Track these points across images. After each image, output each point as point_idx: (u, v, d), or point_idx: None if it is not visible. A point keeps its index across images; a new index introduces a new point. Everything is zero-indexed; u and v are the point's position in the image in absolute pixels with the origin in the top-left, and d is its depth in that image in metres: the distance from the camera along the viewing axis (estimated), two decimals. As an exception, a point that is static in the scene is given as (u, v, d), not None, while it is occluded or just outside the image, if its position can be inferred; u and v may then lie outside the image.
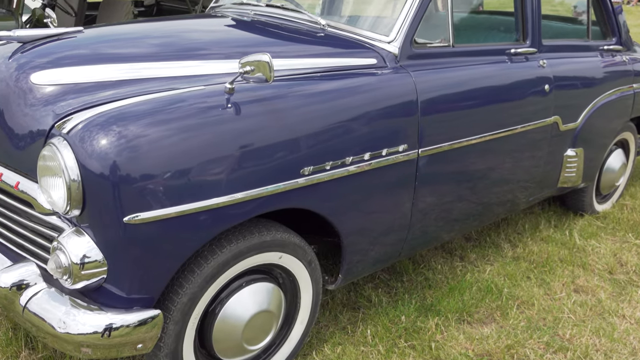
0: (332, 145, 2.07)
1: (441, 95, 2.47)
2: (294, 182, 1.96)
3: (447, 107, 2.50)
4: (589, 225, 3.78)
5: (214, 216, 1.79)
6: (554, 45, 3.18)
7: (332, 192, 2.11)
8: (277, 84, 2.02)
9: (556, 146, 3.20)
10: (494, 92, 2.73)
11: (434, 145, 2.44)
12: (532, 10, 2.98)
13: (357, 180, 2.18)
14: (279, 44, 2.42)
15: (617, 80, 3.53)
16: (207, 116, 1.81)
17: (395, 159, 2.30)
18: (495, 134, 2.73)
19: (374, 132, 2.21)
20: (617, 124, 3.65)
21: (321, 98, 2.08)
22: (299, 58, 2.23)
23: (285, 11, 2.71)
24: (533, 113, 2.94)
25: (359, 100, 2.18)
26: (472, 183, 2.76)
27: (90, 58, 2.04)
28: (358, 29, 2.51)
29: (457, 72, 2.60)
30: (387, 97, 2.27)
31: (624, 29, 3.67)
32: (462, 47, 2.72)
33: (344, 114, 2.11)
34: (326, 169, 2.06)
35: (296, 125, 1.97)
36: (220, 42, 2.42)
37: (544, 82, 2.97)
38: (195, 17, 3.39)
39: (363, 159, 2.17)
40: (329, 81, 2.17)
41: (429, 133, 2.41)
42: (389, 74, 2.34)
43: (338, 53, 2.37)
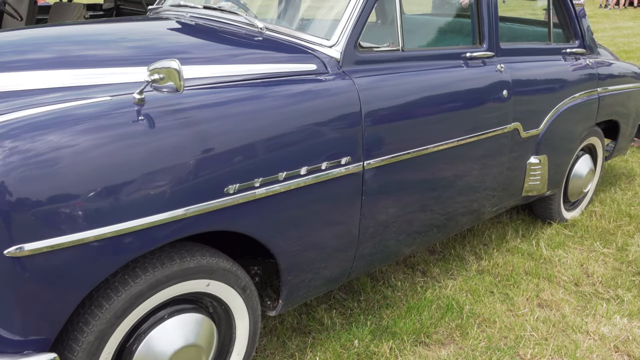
0: (262, 160, 1.89)
1: (388, 102, 2.30)
2: (217, 203, 1.78)
3: (396, 116, 2.33)
4: (557, 234, 3.63)
5: (118, 245, 1.60)
6: (512, 48, 3.04)
7: (263, 211, 1.93)
8: (198, 92, 1.84)
9: (518, 154, 3.05)
10: (447, 99, 2.57)
11: (381, 157, 2.27)
12: (488, 12, 2.84)
13: (292, 198, 2.00)
14: (208, 48, 2.24)
15: (581, 84, 3.39)
16: (111, 131, 1.62)
17: (337, 173, 2.12)
18: (450, 143, 2.57)
19: (312, 144, 2.03)
20: (582, 129, 3.52)
21: (248, 108, 1.89)
22: (228, 64, 2.05)
23: (223, 13, 2.53)
24: (491, 120, 2.79)
25: (293, 109, 2.00)
26: (426, 195, 2.60)
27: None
28: (298, 33, 2.34)
29: (407, 78, 2.44)
30: (326, 106, 2.10)
31: (588, 32, 3.55)
32: (413, 51, 2.56)
33: (275, 125, 1.93)
34: (255, 186, 1.88)
35: (218, 138, 1.79)
36: (144, 47, 2.23)
37: (502, 88, 2.82)
38: (127, 20, 3.18)
39: (299, 174, 2.00)
40: (260, 89, 1.99)
41: (375, 144, 2.24)
42: (329, 80, 2.17)
43: (274, 58, 2.19)
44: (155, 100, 1.72)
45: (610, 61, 3.80)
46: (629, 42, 12.88)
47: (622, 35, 14.34)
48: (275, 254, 2.03)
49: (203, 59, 2.05)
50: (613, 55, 4.10)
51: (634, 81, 3.95)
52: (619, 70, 3.84)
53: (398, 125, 2.34)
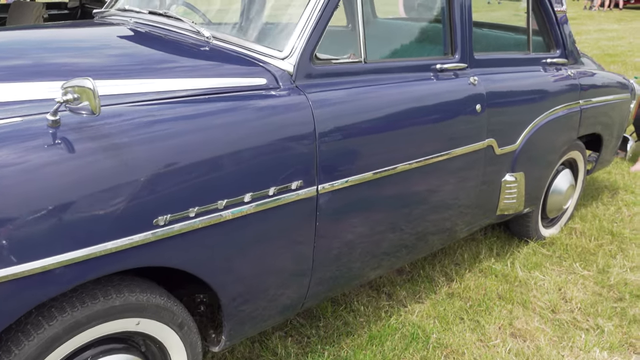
0: (198, 187, 1.68)
1: (347, 120, 2.11)
2: (143, 236, 1.57)
3: (355, 135, 2.13)
4: (534, 253, 3.46)
5: (21, 287, 1.40)
6: (488, 59, 2.85)
7: (200, 244, 1.73)
8: (124, 111, 1.63)
9: (492, 172, 2.87)
10: (414, 115, 2.38)
11: (338, 180, 2.08)
12: (461, 20, 2.65)
13: (235, 228, 1.80)
14: (144, 60, 2.03)
15: (562, 96, 3.21)
16: (19, 159, 1.41)
17: (287, 198, 1.92)
18: (416, 162, 2.38)
19: (257, 168, 1.83)
20: (562, 144, 3.34)
21: (181, 128, 1.69)
22: (163, 78, 1.84)
23: (170, 20, 2.32)
24: (462, 137, 2.60)
25: (235, 129, 1.80)
26: (391, 217, 2.41)
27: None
28: (249, 43, 2.13)
29: (369, 93, 2.25)
30: (274, 125, 1.90)
31: (570, 40, 3.37)
32: (377, 62, 2.37)
33: (213, 148, 1.73)
34: (190, 216, 1.67)
35: (144, 164, 1.58)
36: (71, 57, 2.00)
37: (475, 101, 2.63)
38: (64, 25, 2.96)
39: (242, 202, 1.80)
40: (197, 106, 1.78)
41: (331, 166, 2.04)
42: (280, 96, 1.97)
43: (218, 71, 1.99)
44: (71, 122, 1.51)
45: (593, 71, 3.62)
46: (614, 46, 12.78)
47: (607, 37, 14.24)
48: (216, 289, 1.83)
49: (135, 72, 1.84)
50: (597, 65, 3.94)
51: (618, 92, 3.78)
52: (602, 80, 3.67)
53: (358, 145, 2.14)
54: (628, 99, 3.89)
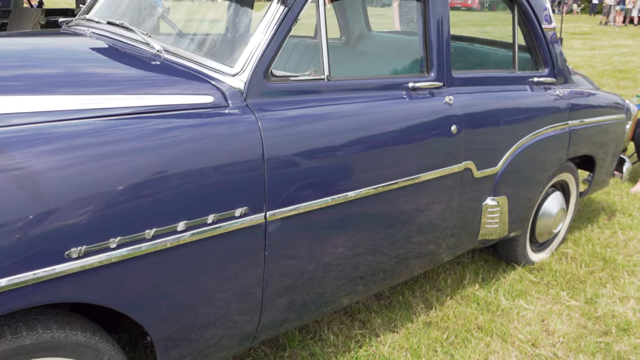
0: (122, 214, 1.55)
1: (302, 141, 1.97)
2: (51, 270, 1.44)
3: (312, 157, 1.99)
4: (520, 279, 3.29)
5: None
6: (468, 77, 2.70)
7: (123, 277, 1.59)
8: (45, 130, 1.51)
9: (470, 196, 2.71)
10: (381, 136, 2.23)
11: (289, 207, 1.94)
12: (438, 36, 2.50)
13: (166, 259, 1.67)
14: (83, 74, 1.89)
15: (549, 116, 3.06)
16: None
17: (229, 227, 1.78)
18: (382, 187, 2.24)
19: (194, 194, 1.69)
20: (550, 166, 3.18)
21: (107, 150, 1.56)
22: (96, 94, 1.71)
23: (125, 31, 2.21)
24: (435, 159, 2.45)
25: (168, 151, 1.66)
26: (354, 243, 2.26)
27: None
28: (200, 57, 2.01)
29: (331, 112, 2.11)
30: (214, 147, 1.76)
31: (559, 59, 3.21)
32: (343, 80, 2.23)
33: (143, 171, 1.60)
34: (111, 247, 1.54)
35: (60, 190, 1.45)
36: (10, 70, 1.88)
37: (450, 122, 2.48)
38: (24, 35, 2.85)
39: (175, 231, 1.66)
40: (128, 126, 1.65)
41: (281, 191, 1.90)
42: (226, 116, 1.83)
43: (162, 88, 1.86)
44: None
45: (586, 91, 3.46)
46: (625, 61, 12.57)
47: (620, 53, 14.04)
48: (145, 326, 1.69)
49: (61, 87, 1.71)
50: (592, 85, 3.77)
51: (612, 112, 3.62)
52: (596, 101, 3.50)
53: (314, 169, 2.00)
54: (623, 119, 3.72)
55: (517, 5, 2.95)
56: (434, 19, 2.49)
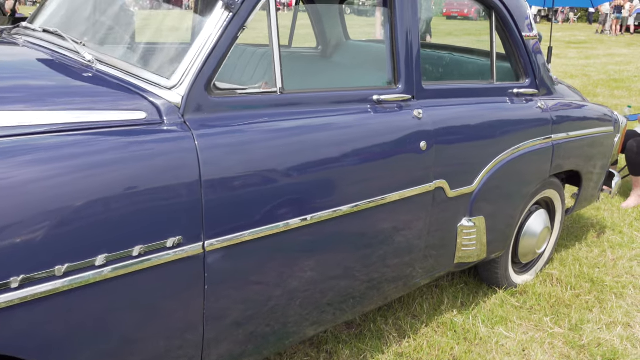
0: (26, 248, 1.36)
1: (247, 162, 1.78)
2: None
3: (259, 179, 1.80)
4: (502, 304, 3.09)
5: None
6: (441, 89, 2.52)
7: (30, 321, 1.40)
8: None
9: (444, 217, 2.52)
10: (340, 153, 2.04)
11: (233, 234, 1.75)
12: (407, 44, 2.32)
13: (82, 298, 1.47)
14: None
15: (530, 130, 2.87)
16: None
17: (159, 259, 1.59)
18: (342, 211, 2.05)
19: (116, 223, 1.50)
20: (532, 183, 2.99)
21: (15, 175, 1.36)
22: (13, 110, 1.52)
23: (59, 39, 2.02)
24: (403, 179, 2.26)
25: (86, 174, 1.47)
26: (312, 272, 2.07)
27: None
28: (136, 68, 1.82)
29: (282, 129, 1.92)
30: (143, 169, 1.57)
31: (542, 69, 3.03)
32: (298, 93, 2.04)
33: (53, 198, 1.40)
34: (12, 287, 1.34)
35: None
36: None
37: (419, 138, 2.30)
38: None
39: (93, 266, 1.47)
40: (43, 146, 1.45)
41: (222, 218, 1.71)
42: (158, 133, 1.64)
43: (90, 102, 1.66)
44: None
45: (571, 103, 3.28)
46: (620, 70, 12.43)
47: (615, 62, 13.91)
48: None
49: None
50: (579, 96, 3.59)
51: (599, 125, 3.43)
52: (581, 113, 3.32)
53: (261, 192, 1.81)
54: (611, 132, 3.54)
55: (495, 12, 2.77)
56: (402, 27, 2.31)
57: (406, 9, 2.32)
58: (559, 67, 12.60)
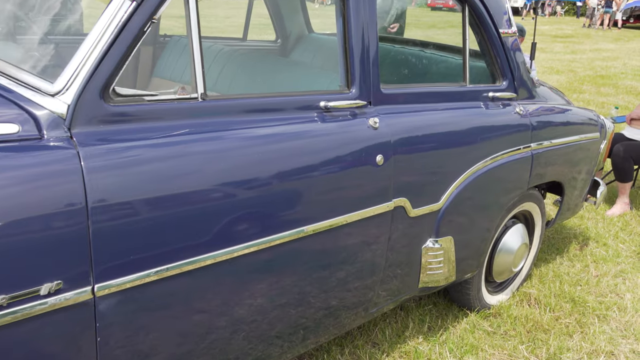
0: None
1: (153, 184, 1.45)
2: None
3: (168, 205, 1.48)
4: (473, 329, 2.80)
5: None
6: (403, 93, 2.20)
7: None
8: None
9: (405, 239, 2.21)
10: (276, 173, 1.72)
11: (134, 274, 1.42)
12: (362, 43, 2.00)
13: None
14: None
15: (506, 138, 2.56)
16: None
17: (27, 311, 1.26)
18: (274, 240, 1.73)
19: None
20: (508, 197, 2.69)
21: None
22: None
23: None
24: (355, 198, 1.95)
25: None
26: (241, 307, 1.75)
27: None
28: (14, 68, 1.48)
29: (201, 143, 1.59)
30: (7, 197, 1.24)
31: (521, 70, 2.72)
32: (227, 100, 1.71)
33: None
34: None
35: None
36: None
37: (375, 150, 1.98)
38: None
39: None
40: None
41: (116, 255, 1.39)
42: (33, 151, 1.31)
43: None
44: None
45: (553, 107, 2.98)
46: (607, 67, 12.19)
47: (601, 57, 13.67)
48: None
49: None
50: (563, 99, 3.29)
51: (584, 131, 3.14)
52: (565, 118, 3.02)
53: (170, 223, 1.48)
54: (597, 138, 3.24)
55: (468, 5, 2.45)
56: (356, 22, 1.98)
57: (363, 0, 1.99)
58: (545, 62, 12.33)
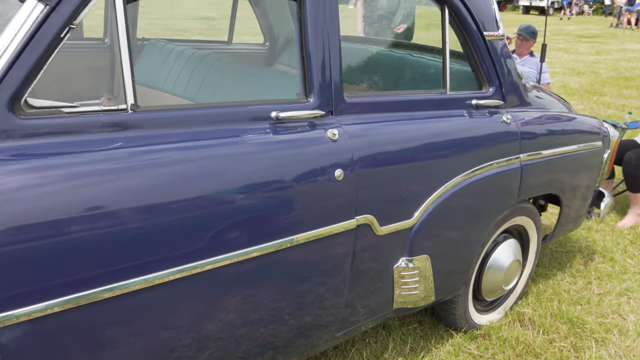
0: None
1: (69, 208, 1.33)
2: None
3: (87, 227, 1.35)
4: (457, 351, 2.62)
5: None
6: (370, 102, 2.04)
7: None
8: None
9: (372, 259, 2.06)
10: (217, 191, 1.58)
11: (37, 304, 1.30)
12: (321, 46, 1.84)
13: None
14: None
15: (491, 149, 2.39)
16: None
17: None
18: (220, 261, 1.59)
19: None
20: (495, 211, 2.51)
21: None
22: None
23: None
24: (311, 216, 1.80)
25: None
26: (199, 327, 1.62)
27: None
28: None
29: (128, 160, 1.46)
30: None
31: (510, 75, 2.53)
32: (160, 111, 1.58)
33: None
34: None
35: None
36: None
37: (333, 165, 1.83)
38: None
39: None
40: None
41: (18, 284, 1.26)
42: None
43: None
44: None
45: (548, 115, 2.78)
46: (632, 67, 11.79)
47: (627, 58, 13.25)
48: None
49: None
50: (564, 106, 3.09)
51: (584, 140, 2.93)
52: (561, 127, 2.83)
53: (87, 244, 1.36)
54: (599, 148, 3.04)
55: (448, 7, 2.27)
56: (314, 24, 1.83)
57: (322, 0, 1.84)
58: (567, 63, 11.99)
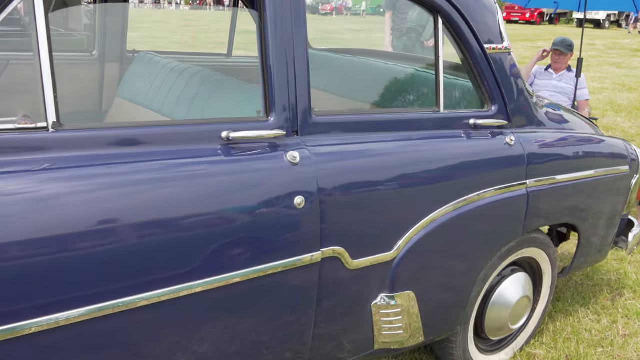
0: None
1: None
2: None
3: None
4: (455, 397, 2.37)
5: None
6: (344, 122, 1.85)
7: None
8: None
9: (344, 295, 1.85)
10: (160, 220, 1.42)
11: None
12: (284, 61, 1.67)
13: None
14: None
15: (489, 174, 2.15)
16: None
17: None
18: (157, 297, 1.43)
19: None
20: (497, 242, 2.26)
21: None
22: None
23: None
24: (268, 248, 1.61)
25: None
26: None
27: None
28: None
29: (47, 185, 1.31)
30: None
31: (517, 92, 2.29)
32: (86, 129, 1.43)
33: None
34: None
35: None
36: None
37: (293, 192, 1.64)
38: None
39: None
40: None
41: None
42: None
43: None
44: None
45: (563, 137, 2.51)
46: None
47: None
48: None
49: None
50: (589, 126, 2.81)
51: (610, 164, 2.65)
52: (579, 149, 2.55)
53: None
54: (626, 172, 2.74)
55: (442, 17, 2.06)
56: (276, 36, 1.66)
57: (287, 10, 1.67)
58: (617, 78, 11.42)
